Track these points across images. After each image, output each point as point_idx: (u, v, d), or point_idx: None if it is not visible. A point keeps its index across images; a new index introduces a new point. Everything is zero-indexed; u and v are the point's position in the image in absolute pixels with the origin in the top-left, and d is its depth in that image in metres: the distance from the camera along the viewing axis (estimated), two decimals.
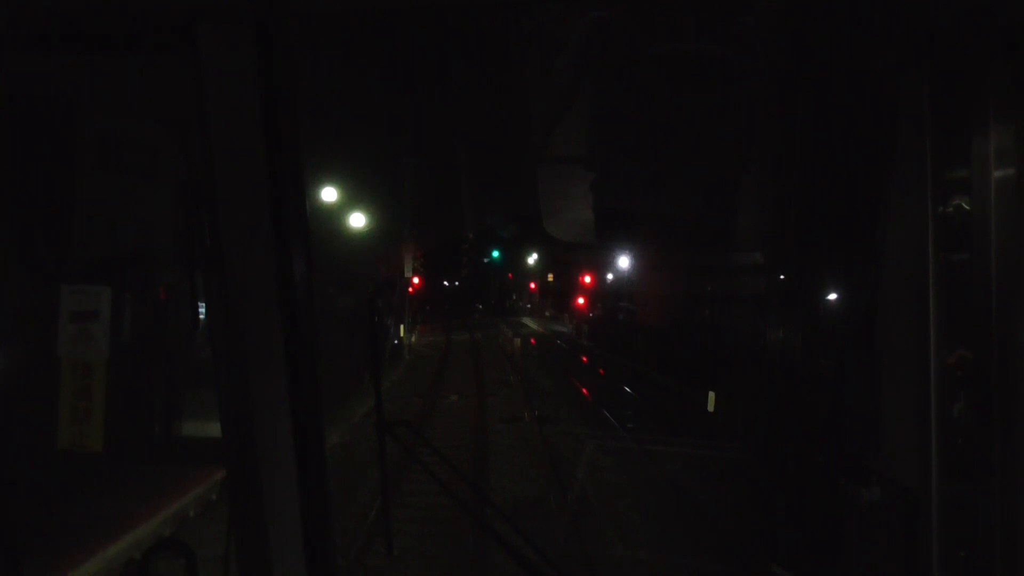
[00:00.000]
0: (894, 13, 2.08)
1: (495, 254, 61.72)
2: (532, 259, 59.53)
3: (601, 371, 25.70)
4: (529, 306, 62.73)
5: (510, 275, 69.02)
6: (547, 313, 54.84)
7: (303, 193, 1.86)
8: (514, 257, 62.29)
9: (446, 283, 70.31)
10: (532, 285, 59.74)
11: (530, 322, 51.95)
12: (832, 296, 2.98)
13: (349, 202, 21.60)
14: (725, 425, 11.49)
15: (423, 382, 22.34)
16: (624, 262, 29.87)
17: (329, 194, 19.89)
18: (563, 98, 3.70)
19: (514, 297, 69.96)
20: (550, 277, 55.44)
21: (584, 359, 29.64)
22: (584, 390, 20.44)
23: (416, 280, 34.61)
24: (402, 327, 29.74)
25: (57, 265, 8.10)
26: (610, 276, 35.20)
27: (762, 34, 2.94)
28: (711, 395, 12.08)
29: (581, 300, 40.21)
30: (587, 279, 38.77)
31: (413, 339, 33.12)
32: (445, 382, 22.53)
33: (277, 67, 1.76)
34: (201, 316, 1.93)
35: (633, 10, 2.97)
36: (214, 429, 1.87)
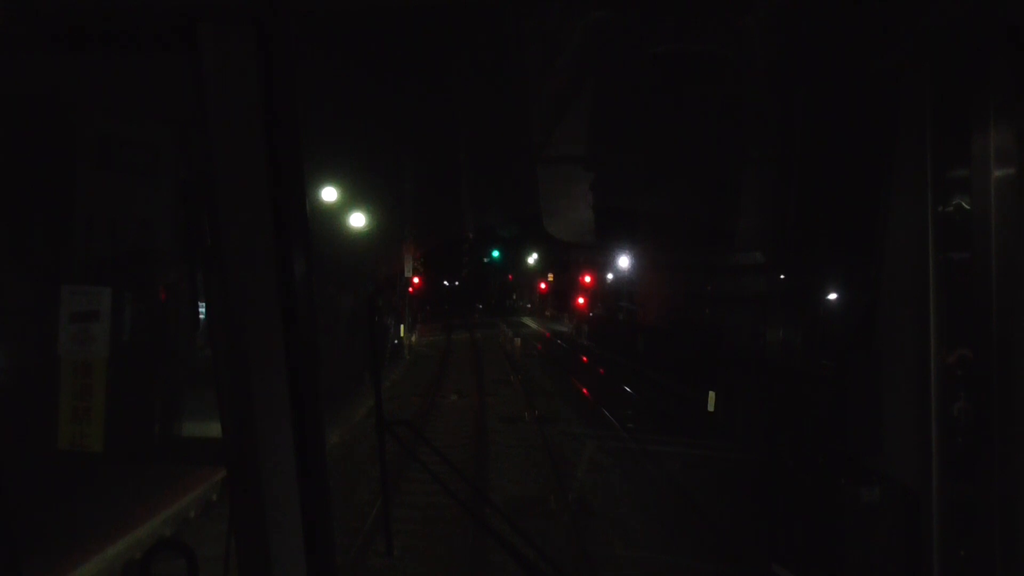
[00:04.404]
0: (894, 13, 2.08)
1: (495, 254, 61.69)
2: (532, 259, 59.46)
3: (601, 371, 25.71)
4: (529, 306, 62.71)
5: (510, 275, 68.99)
6: (547, 313, 54.85)
7: (303, 193, 1.86)
8: (514, 257, 62.27)
9: (446, 283, 70.27)
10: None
11: (530, 322, 51.97)
12: (832, 296, 2.98)
13: (349, 202, 21.59)
14: (725, 425, 11.49)
15: (423, 381, 22.34)
16: (624, 262, 29.86)
17: (329, 194, 19.88)
18: (563, 98, 3.71)
19: (514, 297, 69.98)
20: (550, 277, 55.32)
21: (584, 359, 29.64)
22: (584, 390, 20.44)
23: (416, 280, 34.56)
24: (402, 327, 29.73)
25: (57, 265, 8.10)
26: (610, 276, 35.17)
27: (762, 34, 2.94)
28: (711, 394, 12.08)
29: (581, 300, 40.19)
30: (587, 279, 38.72)
31: (413, 339, 33.11)
32: (445, 381, 22.54)
33: (277, 67, 1.77)
34: (201, 316, 1.93)
35: (633, 10, 2.97)
36: (214, 429, 1.88)
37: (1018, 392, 1.82)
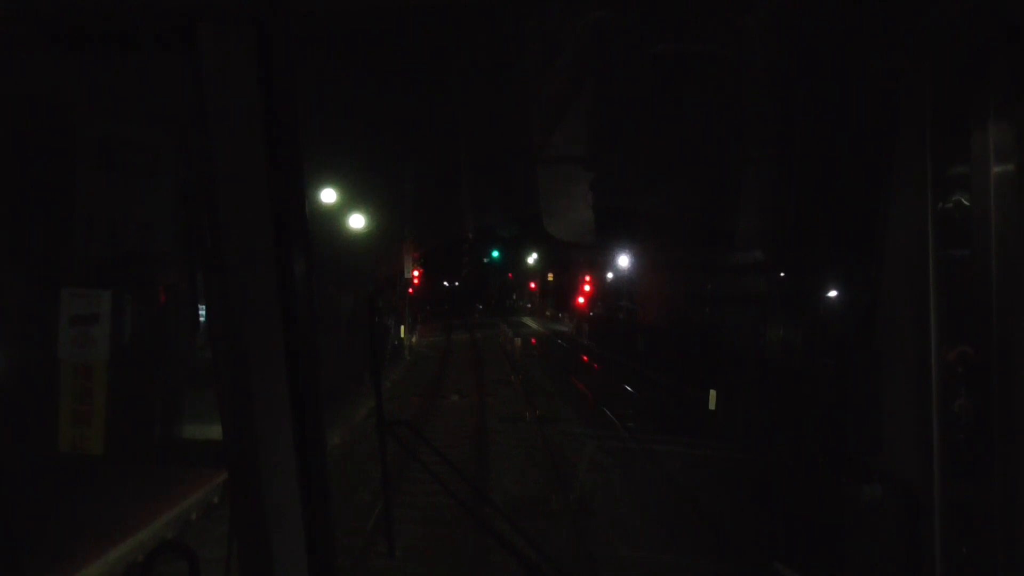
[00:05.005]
0: (894, 13, 2.08)
1: (495, 254, 61.61)
2: (532, 259, 59.53)
3: (602, 370, 25.71)
4: (530, 306, 62.74)
5: (510, 275, 69.01)
6: (547, 313, 54.88)
7: (303, 193, 1.86)
8: (514, 257, 62.25)
9: (446, 283, 70.18)
10: (532, 285, 59.57)
11: (530, 322, 51.98)
12: (832, 294, 2.98)
13: (349, 202, 21.59)
14: (725, 424, 11.49)
15: (423, 382, 22.34)
16: (624, 261, 29.86)
17: (329, 195, 19.87)
18: (563, 98, 3.71)
19: (514, 297, 69.96)
20: (550, 277, 55.39)
21: (584, 358, 29.64)
22: (585, 389, 20.44)
23: (416, 280, 34.57)
24: (402, 327, 29.72)
25: (57, 266, 8.11)
26: (610, 276, 35.16)
27: (762, 34, 2.94)
28: (712, 393, 12.09)
29: (581, 300, 40.20)
30: (587, 279, 38.74)
31: (413, 339, 33.11)
32: (445, 382, 22.53)
33: (277, 67, 1.77)
34: (202, 317, 1.93)
35: (633, 10, 2.97)
36: (215, 431, 1.87)
37: (1019, 389, 1.82)
